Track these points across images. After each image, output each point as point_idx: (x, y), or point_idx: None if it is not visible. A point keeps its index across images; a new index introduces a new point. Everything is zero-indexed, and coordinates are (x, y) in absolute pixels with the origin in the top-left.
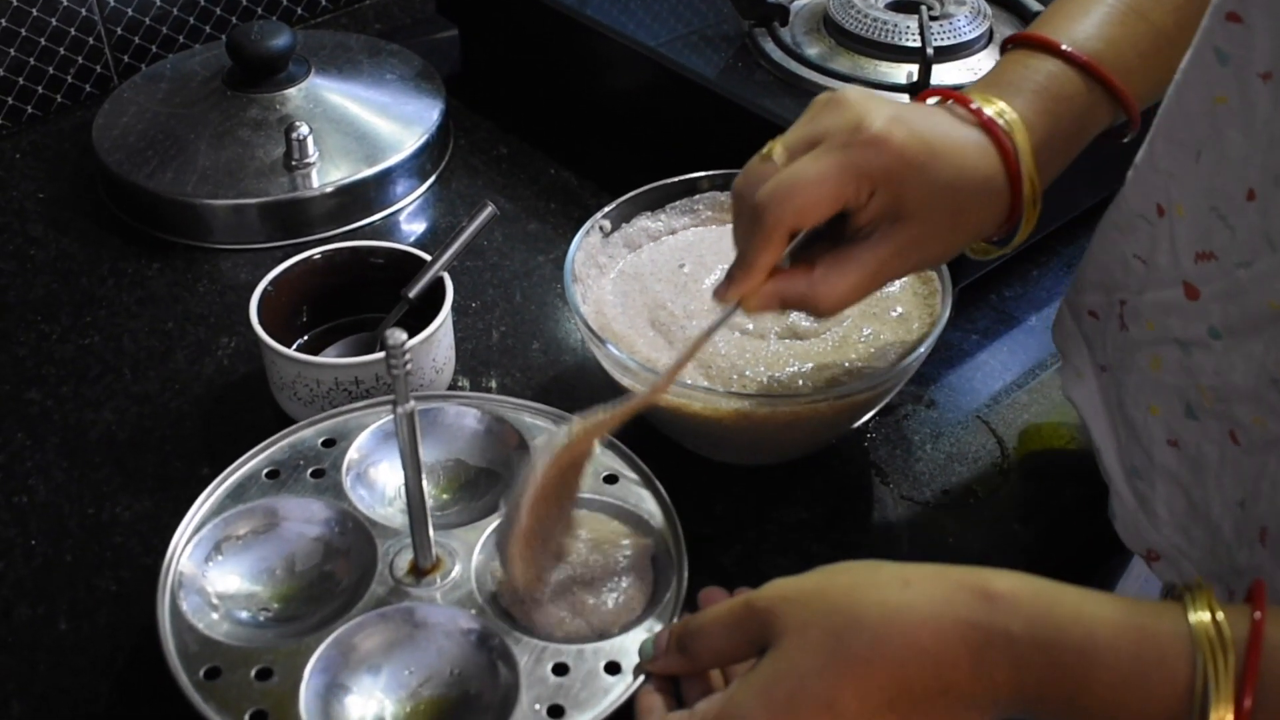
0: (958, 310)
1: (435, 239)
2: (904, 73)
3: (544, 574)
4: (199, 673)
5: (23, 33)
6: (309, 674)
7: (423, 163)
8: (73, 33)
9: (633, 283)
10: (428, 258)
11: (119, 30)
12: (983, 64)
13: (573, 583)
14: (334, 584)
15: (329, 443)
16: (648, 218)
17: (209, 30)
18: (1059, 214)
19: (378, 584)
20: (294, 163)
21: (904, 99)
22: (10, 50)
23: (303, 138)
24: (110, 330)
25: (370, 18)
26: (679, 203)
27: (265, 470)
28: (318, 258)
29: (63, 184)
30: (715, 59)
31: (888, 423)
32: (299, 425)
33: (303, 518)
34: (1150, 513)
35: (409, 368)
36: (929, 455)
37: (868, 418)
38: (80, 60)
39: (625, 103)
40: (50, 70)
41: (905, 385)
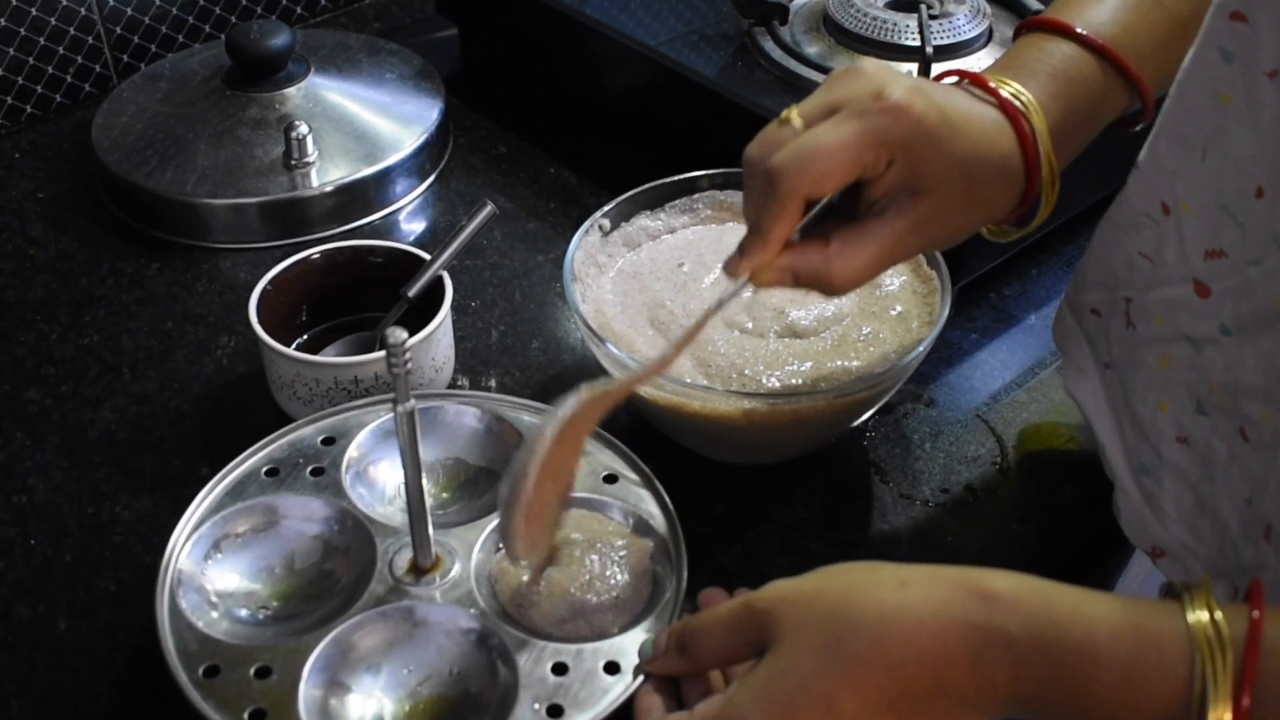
0: (957, 309)
1: (435, 238)
2: (903, 72)
3: (543, 546)
4: (198, 671)
5: (22, 32)
6: (308, 672)
7: (422, 162)
8: (72, 32)
9: (632, 282)
10: (427, 257)
11: (118, 29)
12: (982, 62)
13: (572, 582)
14: (333, 582)
15: (328, 441)
16: (647, 217)
17: (208, 29)
18: (1059, 212)
19: (377, 583)
20: (293, 162)
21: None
22: (9, 49)
23: (302, 137)
24: (109, 330)
25: (370, 17)
26: (678, 202)
27: (264, 468)
28: (317, 257)
29: (62, 183)
30: (715, 58)
31: (887, 421)
32: (298, 423)
33: (302, 516)
34: (1157, 509)
35: (409, 367)
36: (928, 454)
37: (867, 416)
38: (79, 59)
39: (625, 102)
40: (49, 69)
41: (905, 384)
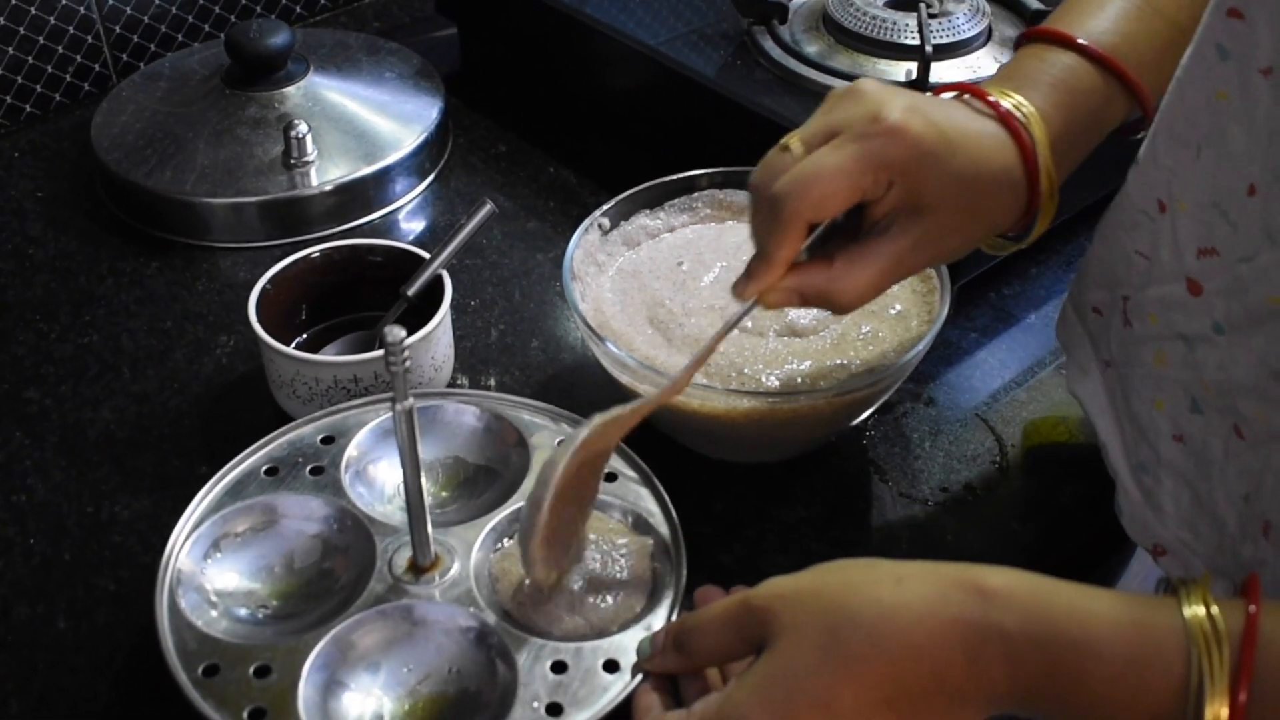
0: (957, 308)
1: (434, 237)
2: (903, 70)
3: (564, 573)
4: (197, 670)
5: (21, 31)
6: (307, 671)
7: (421, 161)
8: (71, 31)
9: (631, 280)
10: (426, 256)
11: (118, 28)
12: (982, 61)
13: (571, 581)
14: (333, 581)
15: (328, 440)
16: (646, 215)
17: (208, 29)
18: (1060, 212)
19: (376, 581)
20: (293, 161)
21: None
22: (9, 48)
23: (301, 136)
24: (109, 329)
25: (369, 16)
26: (677, 200)
27: (264, 467)
28: (316, 256)
29: (61, 183)
30: (714, 57)
31: (887, 420)
32: (298, 422)
33: (301, 515)
34: (1156, 507)
35: (408, 365)
36: (928, 453)
37: (866, 415)
38: (79, 58)
39: (624, 101)
40: (49, 68)
41: (904, 383)
